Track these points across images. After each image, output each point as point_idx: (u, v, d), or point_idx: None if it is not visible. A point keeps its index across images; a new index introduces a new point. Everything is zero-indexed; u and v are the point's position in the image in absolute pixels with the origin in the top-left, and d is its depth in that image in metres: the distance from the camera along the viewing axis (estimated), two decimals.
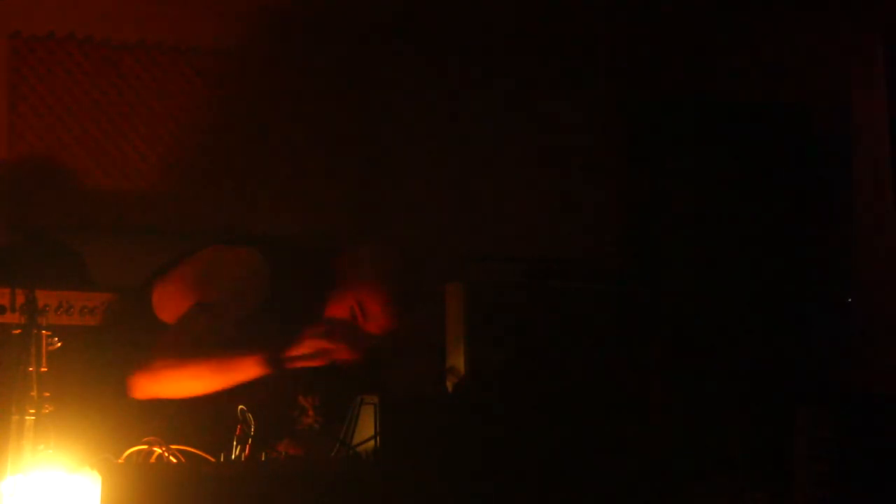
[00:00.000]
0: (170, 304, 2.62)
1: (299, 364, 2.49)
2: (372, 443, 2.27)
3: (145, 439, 2.21)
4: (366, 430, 2.30)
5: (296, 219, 4.21)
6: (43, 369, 2.08)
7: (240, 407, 2.23)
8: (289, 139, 4.26)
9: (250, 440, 2.20)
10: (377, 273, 2.61)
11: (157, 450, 2.23)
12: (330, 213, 4.26)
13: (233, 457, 2.19)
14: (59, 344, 2.13)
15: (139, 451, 2.22)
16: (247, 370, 2.41)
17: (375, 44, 4.36)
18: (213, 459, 2.20)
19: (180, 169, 4.11)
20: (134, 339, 2.61)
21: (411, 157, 4.41)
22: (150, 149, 4.09)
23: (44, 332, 2.11)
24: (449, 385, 2.52)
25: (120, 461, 2.17)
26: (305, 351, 2.44)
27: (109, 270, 3.44)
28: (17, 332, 2.11)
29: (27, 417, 2.04)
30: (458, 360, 2.51)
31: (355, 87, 4.36)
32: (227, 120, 4.18)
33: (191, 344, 2.48)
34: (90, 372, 2.57)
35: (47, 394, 2.07)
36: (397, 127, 4.41)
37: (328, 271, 2.65)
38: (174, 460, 2.20)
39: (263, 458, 2.22)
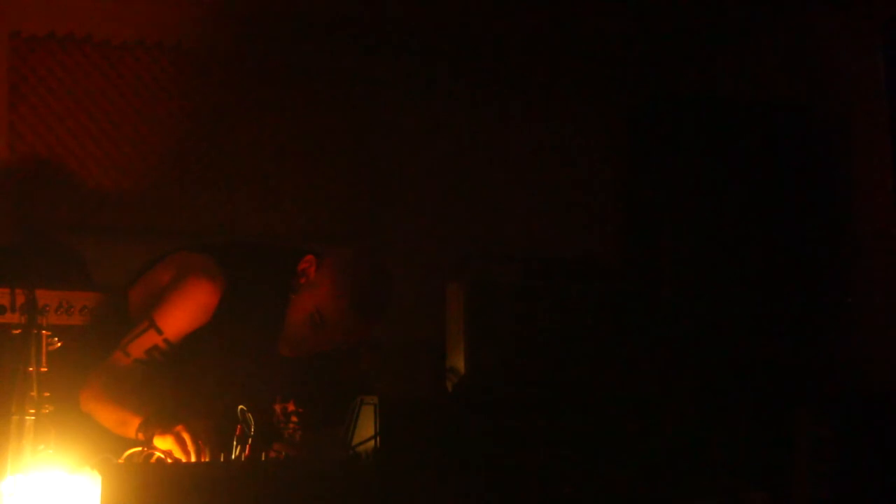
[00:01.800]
0: (138, 310, 2.64)
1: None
2: (372, 443, 2.27)
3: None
4: (366, 430, 2.30)
5: (294, 219, 4.21)
6: (43, 369, 2.08)
7: (240, 407, 2.23)
8: (289, 139, 4.26)
9: (250, 440, 2.20)
10: (340, 279, 2.56)
11: (158, 452, 2.23)
12: (329, 213, 4.26)
13: (233, 457, 2.19)
14: (59, 344, 2.13)
15: (139, 451, 2.22)
16: (129, 430, 2.36)
17: (375, 44, 4.36)
18: (213, 459, 2.20)
19: (180, 169, 4.11)
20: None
21: (411, 157, 4.42)
22: (150, 149, 4.09)
23: (44, 332, 2.11)
24: (449, 385, 2.52)
25: (120, 461, 2.17)
26: None
27: (109, 270, 3.44)
28: (17, 332, 2.10)
29: (27, 417, 2.04)
30: (458, 360, 2.51)
31: (355, 87, 4.36)
32: (227, 120, 4.18)
33: (114, 385, 2.45)
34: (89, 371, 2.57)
35: (47, 394, 2.07)
36: (396, 127, 4.41)
37: (293, 274, 2.61)
38: (171, 460, 2.20)
39: (263, 458, 2.22)
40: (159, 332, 2.51)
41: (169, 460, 2.21)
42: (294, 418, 2.34)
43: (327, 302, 2.54)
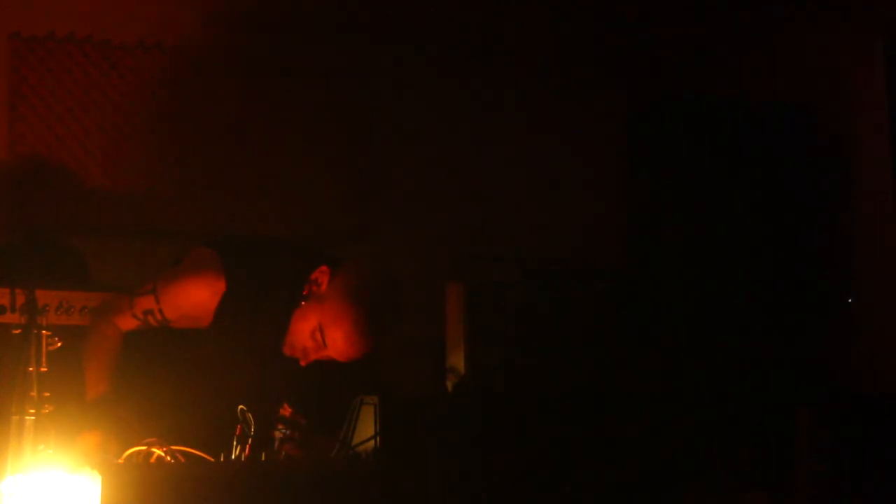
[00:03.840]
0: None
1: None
2: (372, 443, 2.27)
3: (146, 440, 2.22)
4: (366, 430, 2.30)
5: (294, 219, 4.21)
6: (43, 369, 2.08)
7: (240, 407, 2.23)
8: (289, 139, 4.26)
9: (250, 440, 2.20)
10: (347, 302, 2.51)
11: (157, 451, 2.23)
12: (329, 213, 4.26)
13: (233, 457, 2.19)
14: (59, 344, 2.13)
15: (139, 452, 2.22)
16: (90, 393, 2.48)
17: (376, 44, 4.36)
18: (212, 459, 2.20)
19: (180, 169, 4.11)
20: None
21: (411, 157, 4.42)
22: (150, 149, 4.09)
23: (44, 332, 2.11)
24: (449, 385, 2.52)
25: (120, 461, 2.17)
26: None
27: (109, 270, 3.44)
28: (17, 332, 2.10)
29: (27, 417, 2.04)
30: (458, 360, 2.51)
31: (355, 87, 4.36)
32: (227, 120, 4.18)
33: (106, 341, 2.57)
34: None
35: (47, 394, 2.07)
36: (397, 127, 4.41)
37: (306, 280, 2.58)
38: (171, 460, 2.20)
39: (263, 458, 2.22)
40: (157, 300, 2.57)
41: (169, 459, 2.21)
42: (280, 425, 2.34)
43: (330, 322, 2.50)
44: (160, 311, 2.57)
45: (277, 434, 2.37)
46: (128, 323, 2.60)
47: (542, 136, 4.56)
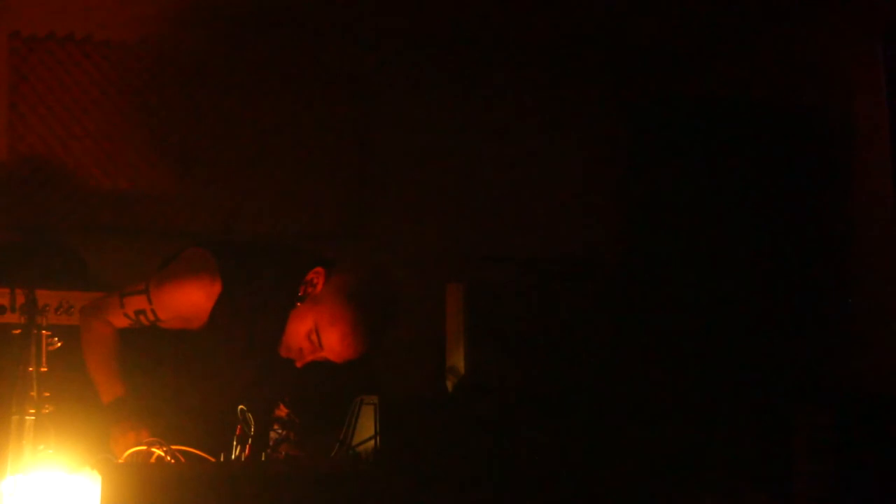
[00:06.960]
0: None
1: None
2: (372, 443, 2.27)
3: (146, 440, 2.22)
4: (366, 430, 2.30)
5: (295, 219, 4.21)
6: (43, 369, 2.08)
7: (240, 407, 2.23)
8: (290, 140, 4.26)
9: (250, 440, 2.20)
10: (342, 305, 2.47)
11: (157, 451, 2.23)
12: (329, 214, 4.27)
13: (233, 457, 2.19)
14: (59, 344, 2.13)
15: (139, 452, 2.22)
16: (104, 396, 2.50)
17: (376, 44, 4.37)
18: (213, 459, 2.20)
19: (180, 169, 4.11)
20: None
21: (411, 157, 4.42)
22: (150, 149, 4.09)
23: (44, 332, 2.11)
24: (449, 385, 2.52)
25: (120, 461, 2.17)
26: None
27: (109, 270, 3.44)
28: (17, 332, 2.11)
29: (27, 417, 2.04)
30: (458, 360, 2.51)
31: (355, 87, 4.36)
32: (228, 120, 4.18)
33: (106, 342, 2.57)
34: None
35: (47, 394, 2.07)
36: (397, 127, 4.41)
37: (301, 281, 2.55)
38: (171, 460, 2.20)
39: (263, 458, 2.22)
40: (149, 301, 2.55)
41: (169, 459, 2.21)
42: (276, 426, 2.34)
43: (326, 324, 2.47)
44: (152, 311, 2.55)
45: (273, 434, 2.37)
46: (119, 321, 2.58)
47: (541, 135, 4.56)
